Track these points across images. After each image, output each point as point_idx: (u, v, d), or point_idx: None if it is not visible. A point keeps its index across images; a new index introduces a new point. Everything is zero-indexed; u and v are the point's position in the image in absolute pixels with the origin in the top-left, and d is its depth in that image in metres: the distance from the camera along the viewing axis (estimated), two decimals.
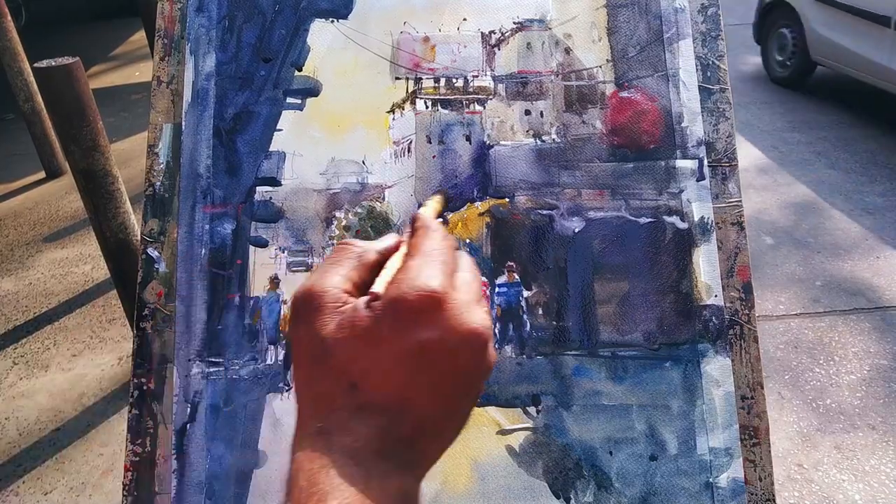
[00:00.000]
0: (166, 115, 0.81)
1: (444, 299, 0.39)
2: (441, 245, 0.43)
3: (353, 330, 0.38)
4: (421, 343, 0.38)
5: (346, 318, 0.39)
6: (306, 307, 0.40)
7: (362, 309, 0.39)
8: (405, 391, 0.38)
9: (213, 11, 0.83)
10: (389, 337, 0.38)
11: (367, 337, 0.38)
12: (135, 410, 0.74)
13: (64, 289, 3.14)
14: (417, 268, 0.40)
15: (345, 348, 0.38)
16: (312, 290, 0.40)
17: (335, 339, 0.38)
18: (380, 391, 0.38)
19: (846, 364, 2.39)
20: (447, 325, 0.38)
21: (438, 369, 0.38)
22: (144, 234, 0.78)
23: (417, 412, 0.38)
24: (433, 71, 0.81)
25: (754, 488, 0.70)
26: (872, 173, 3.64)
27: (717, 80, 0.79)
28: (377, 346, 0.38)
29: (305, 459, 0.37)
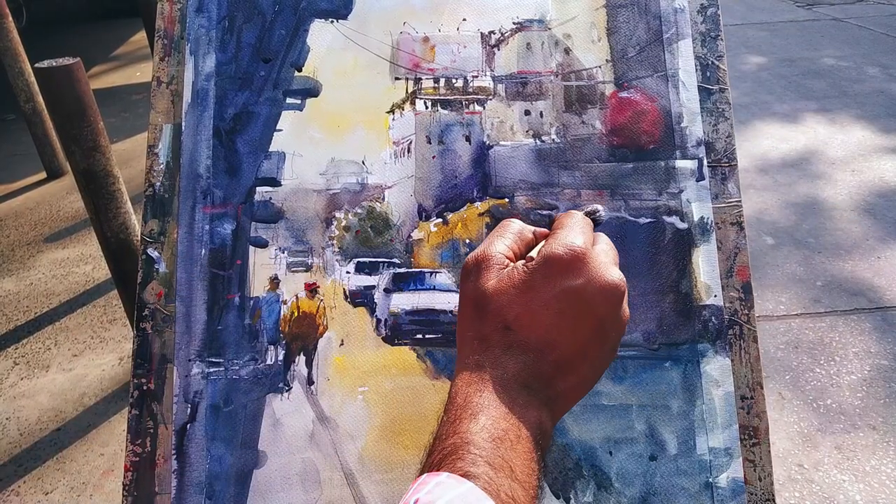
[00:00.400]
0: (166, 116, 0.81)
1: (587, 254, 0.47)
2: (581, 220, 0.53)
3: (511, 282, 0.47)
4: (565, 290, 0.46)
5: (505, 275, 0.48)
6: (476, 268, 0.50)
7: (520, 268, 0.48)
8: (549, 332, 0.46)
9: (212, 12, 0.83)
10: (539, 285, 0.46)
11: (522, 287, 0.47)
12: (135, 410, 0.74)
13: (65, 289, 3.15)
14: (564, 234, 0.49)
15: (502, 297, 0.47)
16: (482, 254, 0.51)
17: (496, 290, 0.48)
18: (528, 332, 0.46)
19: (847, 364, 2.39)
20: (589, 276, 0.46)
21: (578, 313, 0.46)
22: (144, 235, 0.79)
23: (558, 351, 0.46)
24: (433, 71, 0.81)
25: (754, 488, 0.70)
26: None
27: (716, 80, 0.79)
28: (528, 294, 0.46)
29: (463, 384, 0.45)
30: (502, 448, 0.41)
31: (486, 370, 0.45)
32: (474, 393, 0.44)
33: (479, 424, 0.42)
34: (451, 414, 0.44)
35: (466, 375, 0.46)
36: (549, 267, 0.47)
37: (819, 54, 5.53)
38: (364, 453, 0.72)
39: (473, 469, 0.40)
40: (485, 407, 0.43)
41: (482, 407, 0.43)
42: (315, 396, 0.74)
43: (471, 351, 0.47)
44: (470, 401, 0.43)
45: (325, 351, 0.75)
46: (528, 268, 0.48)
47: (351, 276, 0.77)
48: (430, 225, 0.78)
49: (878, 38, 5.83)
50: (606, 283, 0.46)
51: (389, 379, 0.74)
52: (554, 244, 0.48)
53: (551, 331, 0.46)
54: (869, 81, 4.92)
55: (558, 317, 0.46)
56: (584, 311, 0.46)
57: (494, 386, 0.44)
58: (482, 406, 0.43)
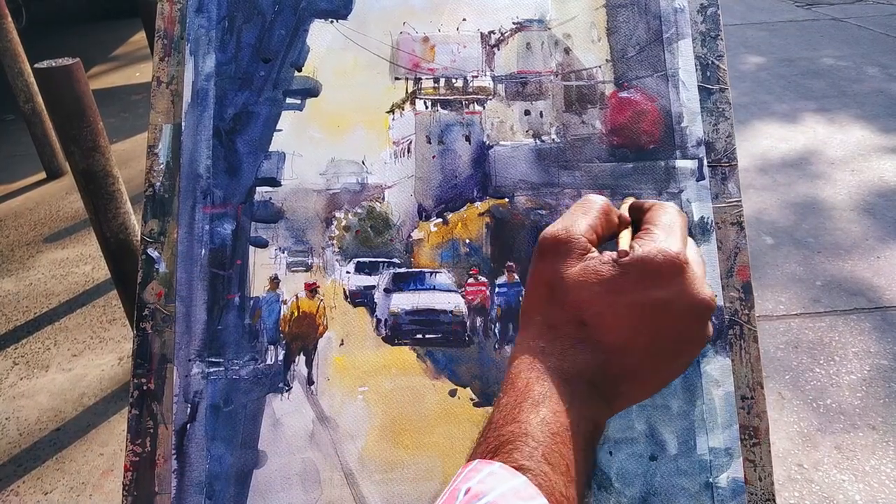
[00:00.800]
0: (166, 116, 0.81)
1: (685, 267, 0.44)
2: (679, 220, 0.48)
3: (597, 276, 0.44)
4: (657, 300, 0.43)
5: (591, 267, 0.45)
6: (554, 249, 0.46)
7: (609, 262, 0.44)
8: (626, 338, 0.43)
9: (212, 12, 0.83)
10: (629, 290, 0.43)
11: (609, 285, 0.44)
12: (135, 410, 0.74)
13: (64, 289, 3.14)
14: (662, 235, 0.45)
15: (583, 290, 0.44)
16: (564, 234, 0.47)
17: (577, 281, 0.45)
18: (605, 333, 0.43)
19: (846, 364, 2.39)
20: (683, 290, 0.43)
21: (662, 325, 0.43)
22: (144, 235, 0.79)
23: (631, 359, 0.44)
24: (433, 71, 0.81)
25: (754, 488, 0.70)
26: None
27: (716, 79, 0.79)
28: (616, 295, 0.43)
29: (526, 369, 0.43)
30: (561, 445, 0.39)
31: (552, 359, 0.43)
32: (536, 381, 0.42)
33: (539, 416, 0.40)
34: (511, 398, 0.42)
35: (529, 359, 0.44)
36: (642, 272, 0.43)
37: (818, 54, 5.53)
38: (364, 453, 0.72)
39: (529, 463, 0.38)
40: (547, 398, 0.41)
41: (544, 398, 0.41)
42: (315, 396, 0.74)
43: (537, 334, 0.45)
44: (531, 388, 0.42)
45: (325, 351, 0.75)
46: (619, 266, 0.44)
47: (351, 276, 0.77)
48: (430, 225, 0.78)
49: (878, 38, 5.83)
50: (697, 301, 0.44)
51: (389, 379, 0.74)
52: (652, 247, 0.44)
53: (629, 337, 0.43)
54: (868, 81, 4.92)
55: (640, 325, 0.43)
56: (669, 324, 0.44)
57: (559, 377, 0.42)
58: (544, 397, 0.41)
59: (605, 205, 0.50)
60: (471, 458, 0.41)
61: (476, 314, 0.76)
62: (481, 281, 0.76)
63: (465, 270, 0.77)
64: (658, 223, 0.47)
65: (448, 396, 0.74)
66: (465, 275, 0.77)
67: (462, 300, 0.76)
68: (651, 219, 0.48)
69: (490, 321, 0.76)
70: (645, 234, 0.47)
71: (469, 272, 0.77)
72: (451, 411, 0.73)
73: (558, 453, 0.39)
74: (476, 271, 0.77)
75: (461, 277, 0.77)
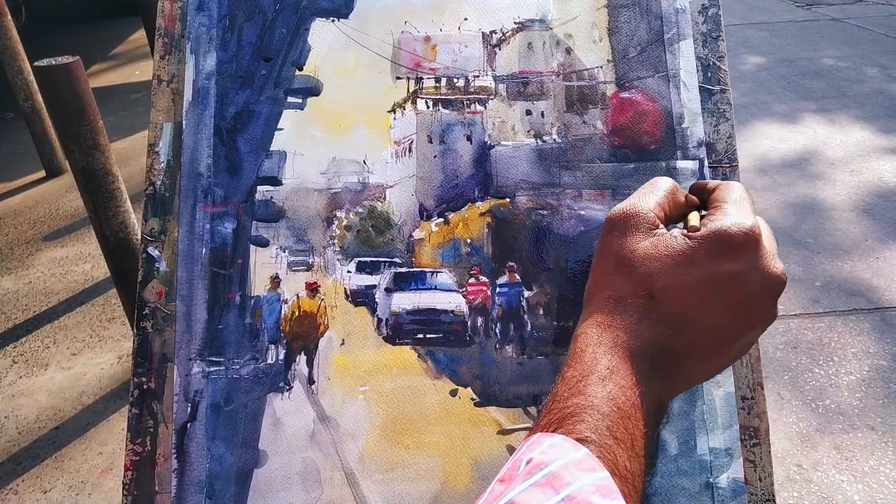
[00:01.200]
0: (167, 114, 0.81)
1: (759, 240, 0.43)
2: (745, 195, 0.48)
3: (668, 250, 0.44)
4: (730, 273, 0.42)
5: (661, 240, 0.44)
6: (624, 223, 0.46)
7: (680, 236, 0.44)
8: (694, 312, 0.43)
9: (213, 10, 0.83)
10: (702, 262, 0.43)
11: (680, 258, 0.43)
12: (135, 409, 0.74)
13: (64, 287, 3.14)
14: (734, 210, 0.45)
15: (653, 263, 0.44)
16: (631, 210, 0.47)
17: (647, 254, 0.44)
18: (672, 306, 0.43)
19: (845, 364, 2.39)
20: (757, 264, 0.43)
21: (732, 301, 0.43)
22: (145, 233, 0.78)
23: (696, 333, 0.43)
24: (434, 71, 0.81)
25: (754, 488, 0.70)
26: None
27: (717, 80, 0.79)
28: (685, 268, 0.43)
29: (592, 342, 0.43)
30: (627, 419, 0.39)
31: (618, 333, 0.43)
32: (603, 355, 0.42)
33: (606, 390, 0.40)
34: (576, 370, 0.41)
35: (596, 333, 0.43)
36: (716, 245, 0.43)
37: (818, 54, 5.54)
38: (365, 453, 0.72)
39: (594, 435, 0.38)
40: (613, 372, 0.40)
41: (611, 372, 0.40)
42: (316, 396, 0.74)
43: (603, 307, 0.45)
44: (598, 361, 0.41)
45: (326, 350, 0.75)
46: (691, 239, 0.43)
47: (352, 276, 0.77)
48: (431, 224, 0.78)
49: (878, 39, 5.84)
50: (771, 275, 0.43)
51: (390, 378, 0.74)
52: (725, 220, 0.44)
53: (697, 311, 0.43)
54: (868, 82, 4.92)
55: (710, 299, 0.42)
56: (739, 299, 0.43)
57: (625, 352, 0.42)
58: (611, 370, 0.41)
59: (673, 185, 0.50)
60: (533, 430, 0.41)
61: (477, 314, 0.76)
62: (482, 281, 0.76)
63: (467, 270, 0.77)
64: (728, 199, 0.47)
65: (449, 396, 0.74)
66: (467, 274, 0.77)
67: (463, 300, 0.76)
68: (720, 196, 0.48)
69: (491, 321, 0.76)
70: (716, 210, 0.46)
71: (470, 272, 0.77)
72: (451, 411, 0.73)
73: (623, 428, 0.39)
74: (477, 271, 0.77)
75: (462, 277, 0.77)
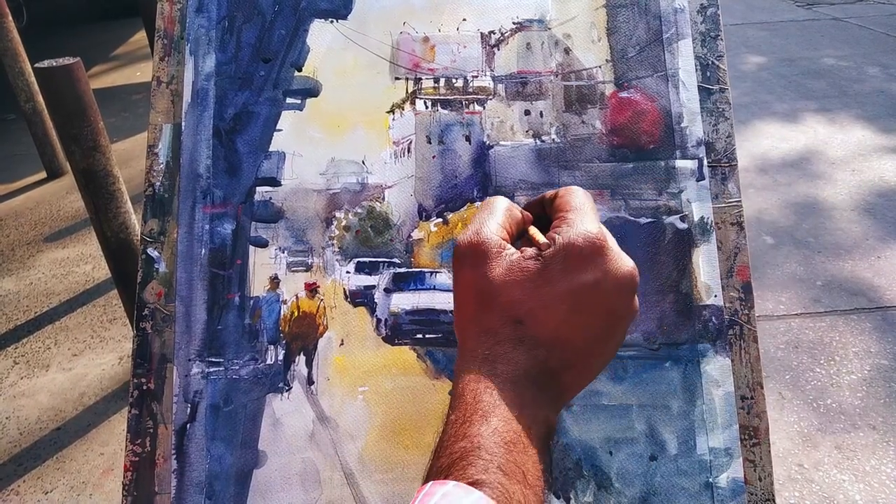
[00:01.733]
0: (166, 116, 0.81)
1: (605, 245, 0.44)
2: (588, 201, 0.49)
3: (524, 273, 0.44)
4: (583, 284, 0.43)
5: (514, 264, 0.44)
6: (473, 254, 0.46)
7: (532, 256, 0.44)
8: (562, 327, 0.43)
9: (212, 12, 0.83)
10: (557, 278, 0.43)
11: (537, 279, 0.43)
12: (135, 410, 0.74)
13: (65, 288, 3.15)
14: (578, 219, 0.46)
15: (513, 290, 0.44)
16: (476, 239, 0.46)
17: (504, 281, 0.44)
18: (541, 327, 0.43)
19: (847, 364, 2.39)
20: (607, 268, 0.43)
21: (593, 308, 0.44)
22: (144, 235, 0.79)
23: (569, 346, 0.44)
24: (433, 71, 0.81)
25: (754, 488, 0.70)
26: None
27: (716, 80, 0.79)
28: (545, 287, 0.43)
29: (471, 380, 0.43)
30: (514, 452, 0.39)
31: (496, 365, 0.42)
32: (484, 391, 0.41)
33: (490, 426, 0.39)
34: (460, 413, 0.41)
35: (475, 371, 0.43)
36: (567, 259, 0.43)
37: (819, 54, 5.53)
38: (364, 453, 0.72)
39: (485, 476, 0.37)
40: (496, 406, 0.40)
41: (493, 406, 0.40)
42: (315, 396, 0.74)
43: (476, 344, 0.44)
44: (480, 399, 0.41)
45: (326, 351, 0.75)
46: (543, 258, 0.44)
47: (351, 276, 0.77)
48: (430, 225, 0.78)
49: (878, 38, 5.83)
50: (623, 276, 0.44)
51: (389, 379, 0.74)
52: (571, 232, 0.44)
53: (564, 326, 0.43)
54: (869, 81, 4.92)
55: (572, 312, 0.43)
56: (599, 305, 0.44)
57: (505, 383, 0.42)
58: (493, 406, 0.40)
59: (508, 203, 0.50)
60: (425, 480, 0.40)
61: None
62: None
63: None
64: (569, 208, 0.47)
65: (448, 396, 0.74)
66: None
67: None
68: (561, 206, 0.49)
69: None
70: (560, 221, 0.46)
71: None
72: None
73: (513, 462, 0.38)
74: None
75: None
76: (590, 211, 0.47)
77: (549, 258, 0.44)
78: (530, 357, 0.43)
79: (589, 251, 0.43)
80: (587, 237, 0.44)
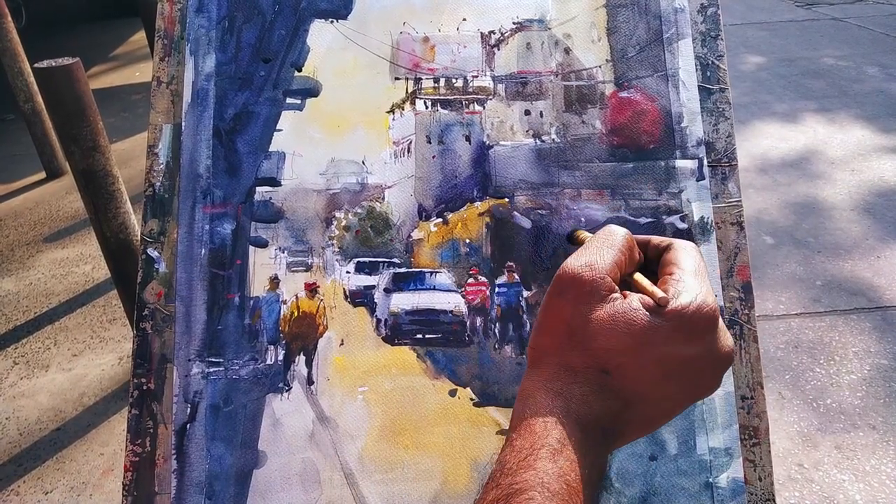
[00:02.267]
0: (166, 116, 0.81)
1: (717, 321, 0.43)
2: (702, 261, 0.47)
3: (629, 327, 0.42)
4: (687, 355, 0.42)
5: (619, 313, 0.42)
6: (579, 287, 0.43)
7: (640, 310, 0.42)
8: (648, 389, 0.42)
9: (212, 12, 0.83)
10: (659, 343, 0.41)
11: (641, 337, 0.41)
12: (135, 410, 0.74)
13: (64, 289, 3.14)
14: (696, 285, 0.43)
15: (611, 339, 0.42)
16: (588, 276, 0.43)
17: (603, 328, 0.42)
18: (628, 382, 0.42)
19: (847, 364, 2.39)
20: (714, 346, 0.42)
21: (686, 379, 0.42)
22: (144, 235, 0.78)
23: (647, 405, 0.42)
24: (433, 71, 0.81)
25: (754, 488, 0.70)
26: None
27: (716, 79, 0.79)
28: (645, 348, 0.41)
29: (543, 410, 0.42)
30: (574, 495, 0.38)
31: (570, 404, 0.41)
32: (554, 426, 0.40)
33: (556, 465, 0.39)
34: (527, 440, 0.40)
35: (546, 400, 0.42)
36: (679, 327, 0.41)
37: (818, 54, 5.53)
38: (364, 453, 0.72)
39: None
40: (565, 446, 0.40)
41: (562, 445, 0.40)
42: (315, 396, 0.74)
43: (553, 375, 0.43)
44: (549, 433, 0.40)
45: (325, 351, 0.75)
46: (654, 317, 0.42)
47: (351, 276, 0.77)
48: (430, 225, 0.78)
49: (878, 38, 5.83)
50: (724, 355, 0.43)
51: (389, 379, 0.74)
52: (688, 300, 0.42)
53: (651, 388, 0.42)
54: (868, 81, 4.92)
55: (665, 377, 0.42)
56: (693, 378, 0.43)
57: (575, 425, 0.41)
58: (562, 444, 0.40)
59: (629, 240, 0.47)
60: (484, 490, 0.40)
61: (476, 314, 0.76)
62: (481, 281, 0.76)
63: (465, 270, 0.77)
64: (685, 266, 0.45)
65: (448, 396, 0.74)
66: (465, 275, 0.77)
67: (462, 300, 0.76)
68: (675, 260, 0.46)
69: (490, 321, 0.76)
70: (674, 281, 0.44)
71: (469, 272, 0.77)
72: (450, 411, 0.73)
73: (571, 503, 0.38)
74: (476, 271, 0.77)
75: (461, 277, 0.77)
76: (705, 275, 0.45)
77: (660, 319, 0.41)
78: (605, 407, 0.42)
79: (703, 325, 0.42)
80: (703, 311, 0.42)
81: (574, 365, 0.42)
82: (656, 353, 0.41)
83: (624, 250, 0.46)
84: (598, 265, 0.44)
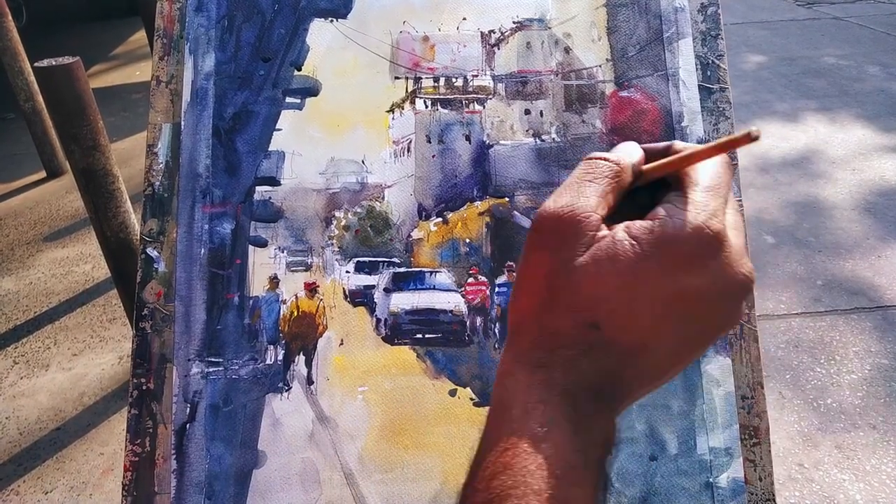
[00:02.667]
0: (165, 115, 0.81)
1: (723, 241, 0.34)
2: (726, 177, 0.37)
3: (612, 264, 0.34)
4: (688, 289, 0.34)
5: (603, 251, 0.34)
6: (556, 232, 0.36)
7: (627, 241, 0.34)
8: (647, 336, 0.35)
9: (212, 11, 0.83)
10: (652, 278, 0.34)
11: (628, 274, 0.34)
12: (134, 410, 0.74)
13: (64, 288, 3.14)
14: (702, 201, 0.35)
15: (597, 284, 0.34)
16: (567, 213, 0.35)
17: (587, 272, 0.34)
18: (620, 333, 0.34)
19: (847, 363, 2.38)
20: (720, 273, 0.34)
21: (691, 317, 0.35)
22: (143, 234, 0.78)
23: (655, 356, 0.35)
24: (433, 70, 0.81)
25: (754, 488, 0.70)
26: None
27: (717, 79, 0.79)
28: (636, 286, 0.34)
29: (522, 390, 0.35)
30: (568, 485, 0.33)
31: (555, 376, 0.35)
32: (535, 405, 0.34)
33: (537, 459, 0.33)
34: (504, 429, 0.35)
35: (524, 378, 0.35)
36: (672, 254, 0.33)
37: (819, 53, 5.53)
38: (364, 453, 0.72)
39: None
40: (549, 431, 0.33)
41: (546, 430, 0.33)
42: (315, 396, 0.74)
43: (533, 344, 0.36)
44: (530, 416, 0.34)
45: (325, 351, 0.75)
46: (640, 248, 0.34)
47: (350, 276, 0.77)
48: (429, 224, 0.78)
49: (879, 37, 5.83)
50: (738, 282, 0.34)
51: (389, 379, 0.74)
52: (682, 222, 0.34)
53: (649, 335, 0.35)
54: (869, 80, 4.91)
55: (664, 319, 0.34)
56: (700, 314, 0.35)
57: (562, 397, 0.34)
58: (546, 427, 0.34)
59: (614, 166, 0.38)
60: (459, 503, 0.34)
61: (476, 314, 0.76)
62: (481, 280, 0.76)
63: (465, 270, 0.77)
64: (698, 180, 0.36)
65: (448, 396, 0.74)
66: (465, 274, 0.77)
67: (462, 300, 0.76)
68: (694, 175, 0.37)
69: (490, 321, 0.76)
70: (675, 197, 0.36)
71: (469, 272, 0.77)
72: (450, 411, 0.73)
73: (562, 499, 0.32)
74: (476, 271, 0.77)
75: (461, 277, 0.77)
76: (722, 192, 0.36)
77: (647, 249, 0.34)
78: (597, 368, 0.35)
79: (703, 249, 0.34)
80: (702, 231, 0.34)
81: (557, 326, 0.35)
82: (648, 289, 0.34)
83: (606, 179, 0.37)
84: (576, 204, 0.36)
